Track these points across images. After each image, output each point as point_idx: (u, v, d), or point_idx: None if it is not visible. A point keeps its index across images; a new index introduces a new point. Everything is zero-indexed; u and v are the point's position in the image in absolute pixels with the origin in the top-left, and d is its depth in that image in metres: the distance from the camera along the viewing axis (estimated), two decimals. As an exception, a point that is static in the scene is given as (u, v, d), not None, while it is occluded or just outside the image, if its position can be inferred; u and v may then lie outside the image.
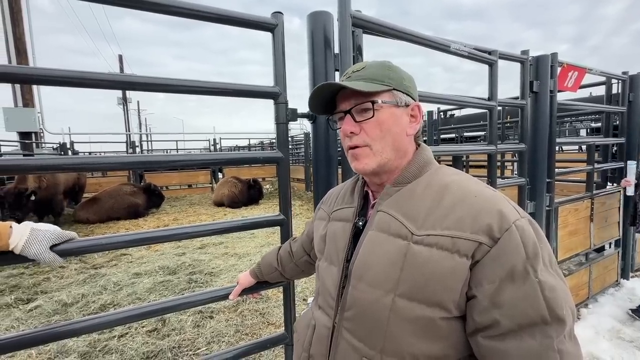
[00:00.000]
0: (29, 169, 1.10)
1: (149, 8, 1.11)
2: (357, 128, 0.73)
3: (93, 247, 1.08)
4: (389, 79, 0.72)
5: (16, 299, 3.25)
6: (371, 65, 0.74)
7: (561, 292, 0.57)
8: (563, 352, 0.55)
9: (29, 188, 5.64)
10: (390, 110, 0.72)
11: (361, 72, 0.73)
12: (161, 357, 2.31)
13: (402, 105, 0.73)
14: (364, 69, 0.74)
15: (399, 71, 0.75)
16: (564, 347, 0.55)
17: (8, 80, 1.00)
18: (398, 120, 0.73)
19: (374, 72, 0.73)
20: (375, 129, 0.72)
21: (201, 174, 11.48)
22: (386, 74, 0.73)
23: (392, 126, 0.72)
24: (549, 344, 0.54)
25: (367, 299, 0.67)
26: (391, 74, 0.73)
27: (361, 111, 0.72)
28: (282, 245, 1.22)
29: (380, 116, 0.71)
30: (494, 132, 2.08)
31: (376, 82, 0.71)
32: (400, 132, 0.73)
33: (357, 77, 0.73)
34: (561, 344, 0.55)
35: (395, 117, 0.73)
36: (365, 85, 0.70)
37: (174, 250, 4.73)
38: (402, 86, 0.73)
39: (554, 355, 0.54)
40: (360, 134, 0.73)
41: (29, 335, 1.02)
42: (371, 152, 0.72)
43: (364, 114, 0.72)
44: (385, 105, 0.72)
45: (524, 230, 0.59)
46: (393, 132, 0.72)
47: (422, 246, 0.63)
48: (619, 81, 3.39)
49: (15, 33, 7.39)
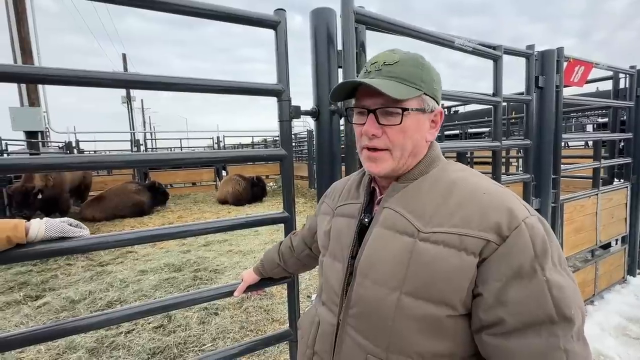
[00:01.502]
0: (36, 168, 1.11)
1: (154, 7, 1.11)
2: (380, 131, 0.69)
3: (100, 244, 1.09)
4: (421, 81, 0.68)
5: (25, 296, 3.30)
6: (405, 61, 0.68)
7: (570, 292, 0.56)
8: (569, 351, 0.53)
9: (36, 186, 5.70)
10: (416, 117, 0.69)
11: (393, 68, 0.67)
12: (167, 353, 2.33)
13: (428, 111, 0.70)
14: (397, 63, 0.68)
15: (430, 71, 0.70)
16: (571, 347, 0.54)
17: (14, 79, 1.01)
18: (421, 127, 0.71)
19: (408, 71, 0.67)
20: (398, 135, 0.68)
21: (205, 172, 11.53)
22: (419, 74, 0.68)
23: (414, 133, 0.70)
24: (556, 343, 0.53)
25: (373, 297, 0.67)
26: (424, 75, 0.69)
27: (387, 114, 0.68)
28: (283, 241, 1.22)
29: (406, 122, 0.68)
30: (498, 128, 2.06)
31: (409, 84, 0.67)
32: (420, 138, 0.71)
33: (388, 72, 0.67)
34: (568, 344, 0.54)
35: (419, 123, 0.70)
36: (398, 88, 0.65)
37: (178, 248, 4.77)
38: (431, 90, 0.70)
39: (559, 355, 0.53)
40: (382, 137, 0.69)
41: (38, 332, 1.04)
42: (390, 157, 0.70)
43: (390, 118, 0.68)
44: (413, 112, 0.68)
45: (534, 228, 0.58)
46: (414, 139, 0.70)
47: (429, 244, 0.62)
48: (627, 75, 3.33)
49: (21, 33, 7.45)
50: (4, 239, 0.89)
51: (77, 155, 1.92)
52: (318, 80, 1.38)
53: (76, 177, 7.35)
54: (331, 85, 1.37)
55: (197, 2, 1.15)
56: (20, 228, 0.92)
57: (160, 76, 1.12)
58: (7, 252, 0.93)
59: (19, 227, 0.92)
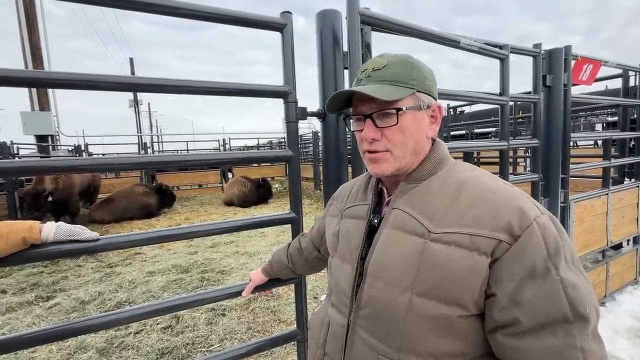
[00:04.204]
0: (47, 170, 1.13)
1: (160, 11, 1.12)
2: (379, 134, 0.70)
3: (110, 244, 1.11)
4: (412, 80, 0.69)
5: (36, 297, 3.36)
6: (393, 64, 0.70)
7: (584, 290, 0.55)
8: (586, 350, 0.53)
9: (47, 189, 5.80)
10: (413, 115, 0.70)
11: (383, 72, 0.69)
12: (176, 353, 2.35)
13: (424, 107, 0.71)
14: (386, 67, 0.69)
15: (421, 68, 0.71)
16: (587, 346, 0.53)
17: (26, 84, 1.03)
18: (420, 124, 0.71)
19: (397, 73, 0.68)
20: (397, 135, 0.69)
21: (211, 174, 11.61)
22: (409, 73, 0.69)
23: (414, 131, 0.70)
24: (572, 342, 0.53)
25: (384, 298, 0.67)
26: (414, 73, 0.69)
27: (383, 116, 0.69)
28: (291, 242, 1.22)
29: (403, 121, 0.69)
30: (506, 128, 2.05)
31: (399, 85, 0.68)
32: (421, 135, 0.72)
33: (378, 77, 0.69)
34: (584, 343, 0.53)
35: (417, 121, 0.70)
36: (389, 90, 0.67)
37: (186, 249, 4.81)
38: (424, 86, 0.70)
39: (576, 354, 0.53)
40: (382, 140, 0.70)
41: (49, 331, 1.06)
42: (391, 157, 0.70)
43: (386, 120, 0.69)
44: (409, 111, 0.69)
45: (546, 227, 0.57)
46: (415, 137, 0.70)
47: (440, 244, 0.62)
48: (637, 73, 3.29)
49: (31, 39, 7.59)
50: (19, 240, 0.91)
51: (87, 157, 1.98)
52: (324, 82, 1.38)
53: (85, 179, 7.46)
54: (337, 87, 1.38)
55: (207, 7, 1.17)
56: (35, 229, 0.95)
57: (170, 79, 1.14)
58: (22, 252, 0.95)
59: (34, 228, 0.94)
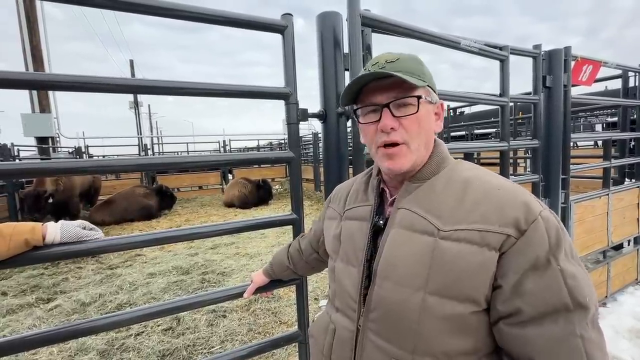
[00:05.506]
0: (48, 172, 1.14)
1: (163, 14, 1.12)
2: (397, 123, 0.69)
3: (112, 246, 1.11)
4: (423, 75, 0.69)
5: (37, 299, 3.36)
6: (405, 58, 0.69)
7: (583, 281, 0.57)
8: (585, 338, 0.54)
9: (47, 190, 5.81)
10: (426, 107, 0.71)
11: (396, 64, 0.68)
12: (177, 355, 2.35)
13: (433, 102, 0.73)
14: (399, 60, 0.68)
15: (426, 68, 0.72)
16: (587, 334, 0.55)
17: (27, 86, 1.03)
18: (430, 118, 0.72)
19: (411, 66, 0.68)
20: (414, 125, 0.69)
21: (212, 175, 11.62)
22: (420, 69, 0.70)
23: (426, 123, 0.71)
24: (572, 330, 0.54)
25: (395, 299, 0.66)
26: (424, 69, 0.71)
27: (400, 106, 0.69)
28: (291, 243, 1.22)
29: (421, 111, 0.69)
30: (506, 129, 2.05)
31: (415, 76, 0.67)
32: (430, 129, 0.72)
33: (392, 68, 0.67)
34: (584, 331, 0.55)
35: (428, 113, 0.72)
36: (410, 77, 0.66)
37: (186, 251, 4.80)
38: (432, 83, 0.72)
39: (576, 341, 0.54)
40: (399, 130, 0.69)
41: (49, 333, 1.05)
42: (408, 151, 0.69)
43: (404, 109, 0.68)
44: (424, 102, 0.69)
45: (549, 221, 0.59)
46: (426, 129, 0.71)
47: (450, 241, 0.62)
48: (636, 74, 3.29)
49: (32, 42, 7.62)
50: (21, 242, 0.91)
51: (87, 159, 1.95)
52: (325, 83, 1.39)
53: (86, 181, 7.47)
54: (338, 88, 1.38)
55: (209, 9, 1.18)
56: (38, 231, 0.94)
57: (170, 81, 1.14)
58: (24, 254, 0.95)
59: (36, 230, 0.94)
